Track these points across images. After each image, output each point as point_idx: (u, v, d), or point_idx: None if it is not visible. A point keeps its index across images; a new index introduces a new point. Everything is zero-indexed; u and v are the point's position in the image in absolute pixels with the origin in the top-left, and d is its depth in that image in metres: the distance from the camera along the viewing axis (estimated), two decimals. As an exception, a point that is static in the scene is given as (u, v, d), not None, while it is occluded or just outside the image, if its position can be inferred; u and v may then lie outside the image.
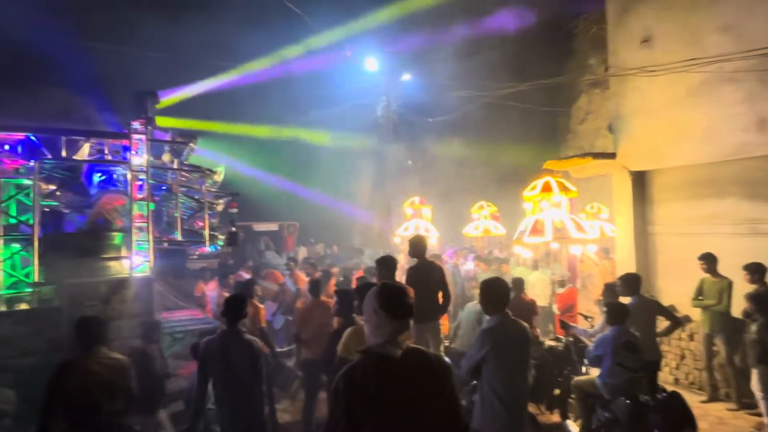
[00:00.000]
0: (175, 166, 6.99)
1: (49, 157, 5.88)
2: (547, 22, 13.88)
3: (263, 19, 12.04)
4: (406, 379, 1.99)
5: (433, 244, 10.20)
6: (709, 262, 5.97)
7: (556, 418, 5.50)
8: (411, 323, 2.07)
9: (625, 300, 5.15)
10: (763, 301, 4.99)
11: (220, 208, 8.19)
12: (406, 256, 11.51)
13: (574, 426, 5.09)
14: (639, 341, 4.47)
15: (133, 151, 6.07)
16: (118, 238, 6.06)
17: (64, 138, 6.02)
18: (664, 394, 4.36)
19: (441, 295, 5.42)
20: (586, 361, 5.12)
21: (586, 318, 6.30)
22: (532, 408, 5.02)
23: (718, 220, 6.61)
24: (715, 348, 6.08)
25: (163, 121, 6.98)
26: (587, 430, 4.72)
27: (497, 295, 3.32)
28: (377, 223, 16.95)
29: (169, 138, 6.93)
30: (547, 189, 6.43)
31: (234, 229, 7.43)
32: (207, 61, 12.41)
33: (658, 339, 5.39)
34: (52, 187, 6.80)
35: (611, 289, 5.69)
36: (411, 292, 2.11)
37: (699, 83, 6.49)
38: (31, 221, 5.66)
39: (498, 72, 12.44)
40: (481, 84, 11.74)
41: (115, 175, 7.10)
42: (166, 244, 7.36)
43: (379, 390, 1.96)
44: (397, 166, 14.74)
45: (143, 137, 6.10)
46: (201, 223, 7.38)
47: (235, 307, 3.72)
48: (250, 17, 12.28)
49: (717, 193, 6.68)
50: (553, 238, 6.29)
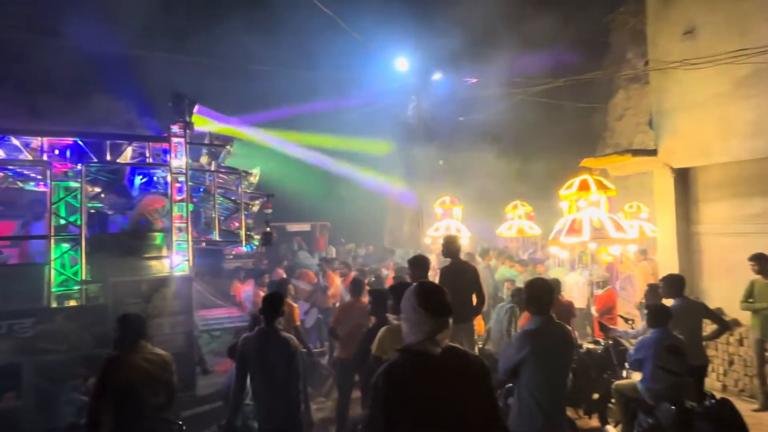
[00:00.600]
0: (212, 168, 7.17)
1: (95, 160, 6.13)
2: (582, 17, 13.53)
3: (293, 21, 12.23)
4: (444, 378, 1.98)
5: (465, 245, 10.11)
6: (762, 262, 5.69)
7: (595, 422, 5.35)
8: (451, 323, 2.05)
9: (668, 302, 4.96)
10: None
11: (255, 209, 8.36)
12: (438, 257, 11.49)
13: (614, 431, 4.94)
14: (683, 344, 4.30)
15: (172, 154, 6.26)
16: (159, 238, 6.27)
17: (109, 142, 6.26)
18: (713, 401, 4.16)
19: (475, 295, 5.37)
20: (626, 365, 4.96)
21: (626, 320, 6.10)
22: (570, 412, 4.89)
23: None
24: (767, 353, 5.78)
25: (199, 121, 7.15)
26: (628, 435, 4.56)
27: (540, 296, 3.23)
28: (407, 223, 16.94)
29: (206, 141, 7.12)
30: (584, 187, 6.27)
31: (269, 229, 7.56)
32: (239, 64, 12.71)
33: (704, 343, 5.17)
34: (98, 189, 7.12)
35: (654, 290, 5.49)
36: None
37: (746, 75, 6.19)
38: (78, 222, 5.93)
39: (531, 69, 12.23)
40: (515, 81, 11.55)
41: (155, 178, 7.37)
42: (204, 244, 7.57)
43: (418, 388, 1.96)
44: (428, 165, 14.67)
45: (182, 140, 6.29)
46: (237, 224, 7.55)
47: (272, 305, 3.79)
48: (281, 20, 12.49)
49: (766, 190, 6.35)
50: (590, 238, 6.13)
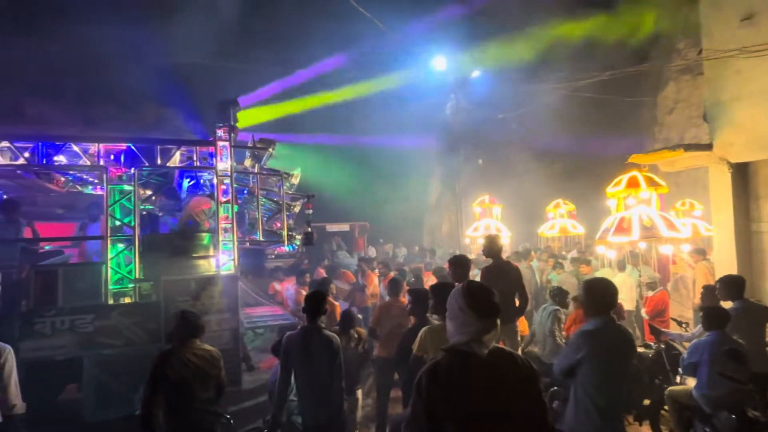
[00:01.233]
0: (255, 170, 7.37)
1: (147, 164, 6.43)
2: (628, 8, 12.99)
3: (333, 25, 12.38)
4: (491, 379, 1.95)
5: (506, 244, 9.93)
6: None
7: (646, 429, 5.12)
8: (498, 324, 2.02)
9: (727, 305, 4.69)
10: None
11: (296, 210, 8.52)
12: (476, 257, 11.32)
13: (668, 440, 4.72)
14: (744, 350, 4.04)
15: (218, 157, 6.48)
16: (206, 238, 6.50)
17: (159, 147, 6.55)
18: (779, 411, 3.90)
19: (518, 296, 5.26)
20: (680, 370, 4.73)
21: (679, 324, 5.80)
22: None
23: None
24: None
25: (245, 119, 7.36)
26: (684, 444, 4.35)
27: (599, 297, 3.11)
28: (446, 223, 16.81)
29: (250, 144, 7.32)
30: (633, 184, 6.02)
31: (310, 229, 7.69)
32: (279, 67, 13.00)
33: (768, 349, 4.84)
34: (149, 192, 7.47)
35: (711, 292, 5.20)
36: None
37: (814, 62, 5.77)
38: (132, 223, 6.24)
39: (575, 62, 11.86)
40: (557, 76, 11.23)
41: (202, 180, 7.65)
42: (248, 244, 7.79)
43: (462, 388, 1.94)
44: (467, 164, 14.50)
45: (227, 144, 6.50)
46: (279, 224, 7.72)
47: (315, 303, 3.85)
48: (321, 22, 12.68)
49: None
50: (640, 237, 5.87)
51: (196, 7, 11.86)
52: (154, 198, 7.65)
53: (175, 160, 6.78)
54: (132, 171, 6.31)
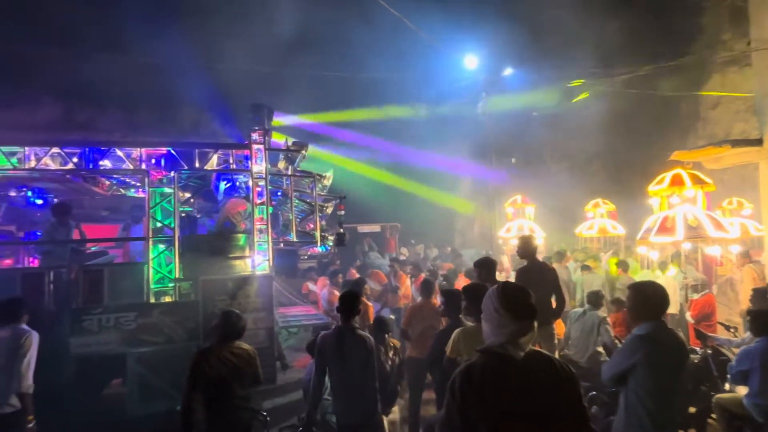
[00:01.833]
0: (289, 172, 7.49)
1: (186, 168, 6.64)
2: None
3: (366, 27, 12.45)
4: (528, 382, 1.91)
5: (540, 245, 9.72)
6: None
7: (692, 438, 4.89)
8: (535, 326, 1.98)
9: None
10: None
11: (329, 211, 8.62)
12: (510, 258, 11.12)
13: (716, 450, 4.49)
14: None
15: (253, 160, 6.64)
16: (242, 239, 6.66)
17: (197, 151, 6.76)
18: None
19: (554, 298, 5.14)
20: (728, 377, 4.49)
21: (727, 328, 5.52)
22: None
23: None
24: None
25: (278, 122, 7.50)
26: (733, 455, 4.13)
27: (649, 301, 2.98)
28: (478, 224, 16.60)
29: (284, 147, 7.45)
30: (677, 182, 5.76)
31: (342, 230, 7.75)
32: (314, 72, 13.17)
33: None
34: (188, 194, 7.71)
35: (761, 295, 4.93)
36: None
37: None
38: (172, 225, 6.47)
39: (614, 56, 11.48)
40: (593, 71, 10.90)
41: (238, 183, 7.84)
42: (282, 245, 7.92)
43: (497, 391, 1.91)
44: (499, 164, 14.26)
45: (262, 147, 6.64)
46: (312, 225, 7.82)
47: (350, 303, 3.87)
48: (353, 29, 12.77)
49: None
50: (685, 237, 5.62)
51: (239, 14, 12.20)
52: (192, 200, 7.89)
53: (213, 163, 6.97)
54: (172, 174, 6.54)
